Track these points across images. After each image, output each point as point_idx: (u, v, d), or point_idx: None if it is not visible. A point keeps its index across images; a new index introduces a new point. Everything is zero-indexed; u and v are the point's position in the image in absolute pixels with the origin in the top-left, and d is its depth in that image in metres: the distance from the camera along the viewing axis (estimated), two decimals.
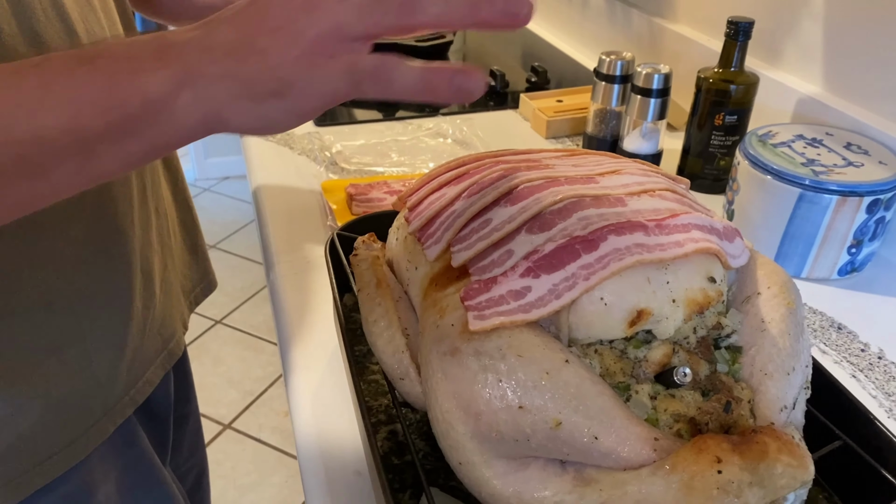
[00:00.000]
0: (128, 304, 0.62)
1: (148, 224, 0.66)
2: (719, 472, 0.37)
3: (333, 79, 0.37)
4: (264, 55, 0.37)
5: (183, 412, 0.85)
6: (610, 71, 1.01)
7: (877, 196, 0.76)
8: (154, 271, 0.67)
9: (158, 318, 0.68)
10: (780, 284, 0.48)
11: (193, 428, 0.89)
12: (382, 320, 0.52)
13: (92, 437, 0.61)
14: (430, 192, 0.55)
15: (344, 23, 0.36)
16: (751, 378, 0.45)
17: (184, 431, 0.86)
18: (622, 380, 0.43)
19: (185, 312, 0.79)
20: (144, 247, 0.65)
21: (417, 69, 0.37)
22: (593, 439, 0.40)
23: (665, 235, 0.44)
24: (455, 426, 0.43)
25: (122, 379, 0.63)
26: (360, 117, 1.18)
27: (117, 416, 0.63)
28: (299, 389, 0.64)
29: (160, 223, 0.71)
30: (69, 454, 0.59)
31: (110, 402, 0.62)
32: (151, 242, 0.67)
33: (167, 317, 0.71)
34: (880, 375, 0.67)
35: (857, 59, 0.88)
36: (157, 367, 0.68)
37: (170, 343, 0.71)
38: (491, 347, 0.42)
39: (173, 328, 0.72)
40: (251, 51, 0.37)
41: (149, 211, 0.67)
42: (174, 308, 0.73)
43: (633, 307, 0.42)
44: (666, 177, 0.52)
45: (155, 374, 0.68)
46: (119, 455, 0.65)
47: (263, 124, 0.39)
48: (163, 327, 0.70)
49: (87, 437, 0.60)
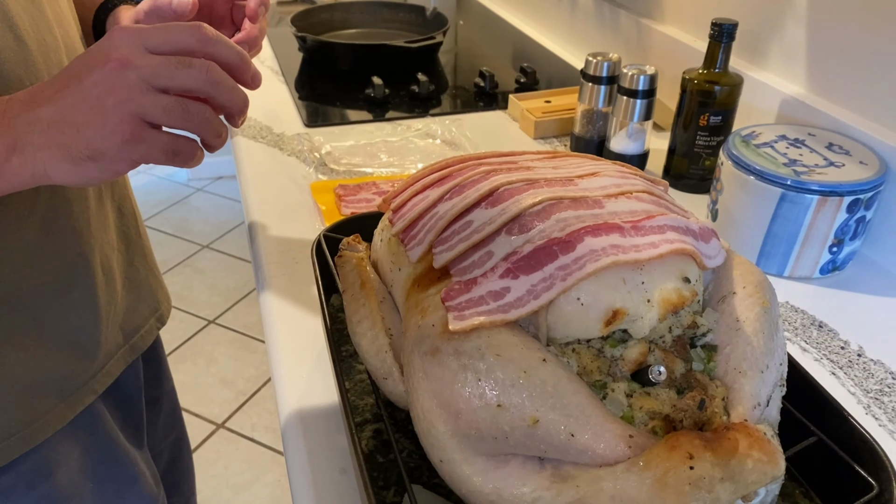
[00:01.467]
0: (86, 301, 0.65)
1: (105, 224, 0.69)
2: (691, 468, 0.38)
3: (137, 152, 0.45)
4: (80, 129, 0.44)
5: (155, 394, 0.89)
6: (596, 72, 1.02)
7: (857, 196, 0.77)
8: (114, 269, 0.70)
9: (120, 314, 0.71)
10: (755, 284, 0.49)
11: (168, 408, 0.93)
12: (366, 320, 0.53)
13: (50, 422, 0.64)
14: (414, 193, 0.56)
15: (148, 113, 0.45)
16: (725, 376, 0.45)
17: (157, 412, 0.90)
18: (599, 378, 0.44)
19: (164, 306, 0.82)
20: (104, 245, 0.68)
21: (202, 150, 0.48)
22: (570, 436, 0.41)
23: (640, 237, 0.45)
24: (436, 424, 0.44)
25: (80, 369, 0.66)
26: (350, 118, 1.18)
27: (76, 405, 0.66)
28: (287, 389, 0.65)
29: (124, 222, 0.74)
30: (26, 436, 0.62)
31: (69, 390, 0.65)
32: (111, 241, 0.70)
33: (132, 312, 0.74)
34: (859, 373, 0.69)
35: (841, 61, 0.89)
36: (117, 359, 0.71)
37: (133, 337, 0.74)
38: (470, 347, 0.43)
39: (138, 323, 0.75)
40: (69, 126, 0.44)
41: (106, 211, 0.70)
42: (142, 303, 0.77)
43: (608, 307, 0.43)
44: (644, 179, 0.53)
45: (116, 366, 0.71)
46: (81, 437, 0.68)
47: (83, 180, 0.47)
48: (126, 322, 0.73)
49: (44, 422, 0.63)
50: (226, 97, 0.47)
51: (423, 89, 1.25)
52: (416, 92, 1.25)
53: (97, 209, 0.67)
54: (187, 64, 0.45)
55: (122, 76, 0.44)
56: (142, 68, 0.44)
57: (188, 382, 2.07)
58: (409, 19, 1.54)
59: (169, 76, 0.45)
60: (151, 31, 0.46)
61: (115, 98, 0.44)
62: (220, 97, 0.47)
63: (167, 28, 0.46)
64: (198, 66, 0.45)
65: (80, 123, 0.44)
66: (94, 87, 0.44)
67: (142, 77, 0.44)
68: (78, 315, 0.65)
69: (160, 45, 0.45)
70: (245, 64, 0.48)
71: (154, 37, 0.45)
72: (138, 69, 0.44)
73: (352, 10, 1.54)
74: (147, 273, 0.79)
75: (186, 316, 2.33)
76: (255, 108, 1.20)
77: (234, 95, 0.47)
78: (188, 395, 2.03)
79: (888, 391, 0.66)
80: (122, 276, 0.72)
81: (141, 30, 0.46)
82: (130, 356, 0.74)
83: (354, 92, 1.26)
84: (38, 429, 0.63)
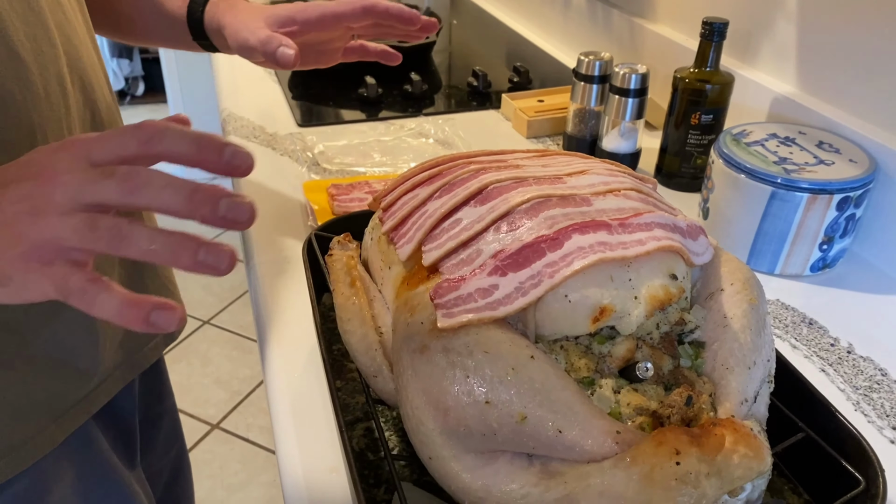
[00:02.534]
0: (80, 320, 0.63)
1: None
2: (678, 463, 0.38)
3: (45, 284, 0.39)
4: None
5: (156, 412, 0.86)
6: (588, 71, 1.02)
7: (846, 194, 0.77)
8: None
9: (120, 332, 0.68)
10: (742, 281, 0.49)
11: (169, 425, 0.89)
12: (356, 318, 0.53)
13: (40, 444, 0.61)
14: (404, 192, 0.56)
15: (62, 236, 0.39)
16: (713, 372, 0.46)
17: (157, 430, 0.86)
18: (587, 375, 0.44)
19: None
20: (101, 262, 0.65)
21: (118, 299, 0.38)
22: (557, 433, 0.41)
23: (628, 234, 0.45)
24: (425, 422, 0.44)
25: (73, 390, 0.64)
26: (343, 118, 1.18)
27: (68, 426, 0.64)
28: (278, 388, 0.65)
29: None
30: (16, 459, 0.60)
31: (60, 411, 0.63)
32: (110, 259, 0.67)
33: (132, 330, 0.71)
34: (849, 369, 0.69)
35: (831, 59, 0.90)
36: (115, 378, 0.69)
37: (135, 354, 0.71)
38: (459, 344, 0.43)
39: (143, 340, 0.72)
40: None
41: None
42: None
43: (596, 304, 0.43)
44: (632, 177, 0.53)
45: (113, 385, 0.68)
46: (74, 458, 0.66)
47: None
48: (127, 339, 0.70)
49: (34, 444, 0.61)
50: (154, 202, 0.39)
51: (417, 89, 1.25)
52: (409, 91, 1.25)
53: None
54: (108, 174, 0.39)
55: (47, 194, 0.39)
56: (67, 185, 0.39)
57: (183, 383, 2.07)
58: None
59: (91, 192, 0.39)
60: (97, 140, 0.41)
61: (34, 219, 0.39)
62: (149, 204, 0.39)
63: (111, 135, 0.41)
64: (118, 176, 0.39)
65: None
66: (18, 202, 0.39)
67: (67, 195, 0.39)
68: (71, 335, 0.63)
69: (104, 155, 0.40)
70: (206, 150, 0.40)
71: (98, 146, 0.40)
72: (64, 186, 0.39)
73: None
74: (159, 288, 0.76)
75: None
76: (248, 108, 1.21)
77: (168, 197, 0.38)
78: (183, 395, 2.03)
79: (877, 388, 0.67)
80: None
81: (89, 140, 0.41)
82: (130, 374, 0.71)
83: (347, 91, 1.26)
84: (28, 451, 0.61)
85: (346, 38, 0.82)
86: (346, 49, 0.84)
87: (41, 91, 0.56)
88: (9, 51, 0.53)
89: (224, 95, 1.25)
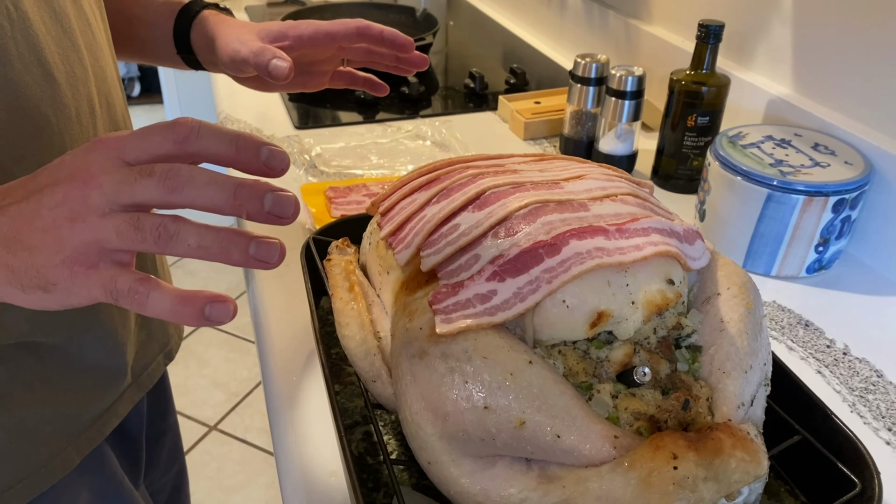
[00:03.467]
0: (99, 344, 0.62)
1: None
2: (675, 468, 0.39)
3: (92, 288, 0.39)
4: (31, 253, 0.38)
5: (160, 428, 0.85)
6: (585, 73, 1.02)
7: (842, 196, 0.77)
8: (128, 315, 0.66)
9: (132, 354, 0.68)
10: (739, 285, 0.49)
11: (171, 442, 0.89)
12: (354, 323, 0.53)
13: (57, 466, 0.61)
14: (402, 197, 0.56)
15: (104, 238, 0.38)
16: (709, 376, 0.46)
17: (161, 447, 0.86)
18: (584, 379, 0.44)
19: (174, 340, 0.78)
20: None
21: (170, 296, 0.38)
22: (556, 438, 0.41)
23: (625, 239, 0.45)
24: (424, 427, 0.44)
25: (87, 411, 0.63)
26: (340, 120, 1.18)
27: (84, 447, 0.64)
28: (277, 392, 0.65)
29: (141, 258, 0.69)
30: (34, 482, 0.59)
31: (76, 433, 0.63)
32: None
33: (142, 350, 0.70)
34: (844, 371, 0.69)
35: (826, 61, 0.90)
36: (125, 399, 0.68)
37: (141, 375, 0.71)
38: (457, 350, 0.44)
39: (147, 360, 0.72)
40: (21, 246, 0.39)
41: None
42: (153, 340, 0.73)
43: (593, 309, 0.44)
44: (629, 181, 0.54)
45: (123, 406, 0.68)
46: (89, 479, 0.66)
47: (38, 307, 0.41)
48: (136, 361, 0.69)
49: (51, 466, 0.61)
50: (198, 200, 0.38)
51: (413, 90, 1.25)
52: (406, 93, 1.25)
53: None
54: (147, 173, 0.38)
55: (84, 197, 0.38)
56: (104, 186, 0.38)
57: (180, 385, 2.07)
58: (399, 20, 1.54)
59: (130, 192, 0.38)
60: (129, 138, 0.40)
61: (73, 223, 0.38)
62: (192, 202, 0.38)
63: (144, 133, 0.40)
64: (157, 174, 0.38)
65: (32, 246, 0.38)
66: (56, 207, 0.38)
67: (105, 196, 0.38)
68: (90, 358, 0.62)
69: (138, 154, 0.39)
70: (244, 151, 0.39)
71: (131, 145, 0.39)
72: (101, 187, 0.38)
73: (342, 12, 1.54)
74: None
75: None
76: (245, 110, 1.21)
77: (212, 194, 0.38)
78: (181, 397, 2.03)
79: (873, 389, 0.67)
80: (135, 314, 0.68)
81: (121, 138, 0.40)
82: (137, 395, 0.71)
83: (344, 93, 1.26)
84: (46, 474, 0.60)
85: (336, 62, 0.80)
86: (334, 74, 0.81)
87: (73, 113, 0.55)
88: (44, 73, 0.52)
89: (221, 97, 1.25)
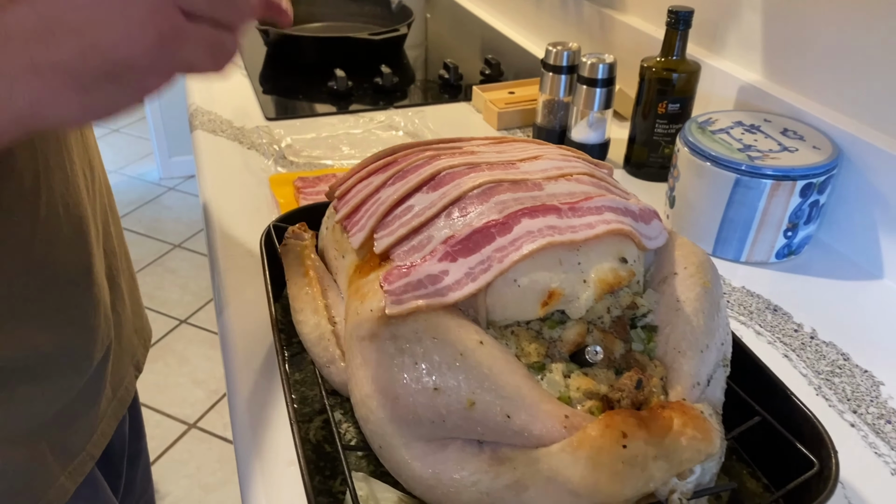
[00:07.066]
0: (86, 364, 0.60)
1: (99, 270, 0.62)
2: (624, 446, 0.38)
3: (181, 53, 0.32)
4: (84, 33, 0.30)
5: (136, 449, 0.82)
6: (557, 62, 1.02)
7: (810, 180, 0.77)
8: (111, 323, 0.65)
9: (111, 370, 0.66)
10: (696, 265, 0.49)
11: (144, 464, 0.87)
12: (308, 308, 0.52)
13: (53, 497, 0.59)
14: (359, 180, 0.55)
15: None
16: (665, 356, 0.45)
17: (135, 469, 0.83)
18: (537, 360, 0.43)
19: (140, 352, 0.76)
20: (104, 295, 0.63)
21: None
22: (506, 418, 0.40)
23: (577, 218, 0.45)
24: (374, 410, 0.44)
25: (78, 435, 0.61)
26: (313, 111, 1.17)
27: (77, 474, 0.61)
28: (238, 382, 0.64)
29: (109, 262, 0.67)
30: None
31: (68, 459, 0.61)
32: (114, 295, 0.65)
33: (117, 363, 0.68)
34: (811, 355, 0.69)
35: (796, 48, 0.90)
36: (109, 418, 0.66)
37: (119, 390, 0.69)
38: (407, 331, 0.43)
39: (122, 374, 0.70)
40: (67, 31, 0.30)
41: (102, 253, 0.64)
42: (125, 353, 0.71)
43: (544, 288, 0.43)
44: (587, 162, 0.53)
45: (108, 425, 0.66)
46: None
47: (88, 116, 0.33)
48: (113, 375, 0.67)
49: (48, 498, 0.58)
50: None
51: (387, 81, 1.24)
52: (379, 84, 1.24)
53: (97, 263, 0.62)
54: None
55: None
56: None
57: (160, 383, 2.05)
58: (375, 12, 1.53)
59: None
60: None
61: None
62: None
63: None
64: None
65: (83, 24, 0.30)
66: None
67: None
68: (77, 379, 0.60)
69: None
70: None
71: None
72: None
73: (316, 4, 1.53)
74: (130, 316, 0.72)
75: (158, 316, 2.30)
76: (217, 103, 1.19)
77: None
78: (160, 395, 2.01)
79: (839, 372, 0.67)
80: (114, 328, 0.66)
81: None
82: (120, 411, 0.68)
83: (317, 85, 1.25)
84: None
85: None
86: None
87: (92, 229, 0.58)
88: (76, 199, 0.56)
89: (193, 90, 1.23)
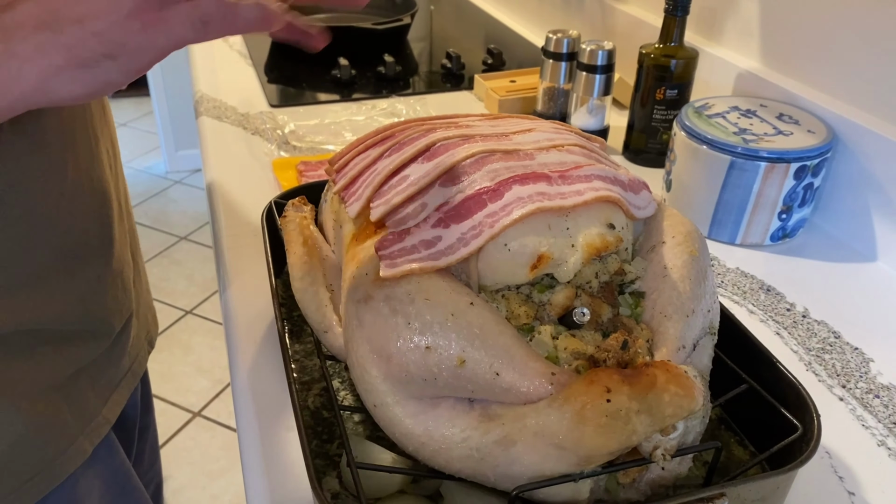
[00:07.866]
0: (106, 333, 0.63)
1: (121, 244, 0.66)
2: (608, 401, 0.39)
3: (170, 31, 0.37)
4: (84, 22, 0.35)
5: (145, 422, 0.85)
6: (557, 49, 1.03)
7: (804, 163, 0.78)
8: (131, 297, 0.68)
9: (129, 342, 0.69)
10: (684, 234, 0.50)
11: (152, 438, 0.89)
12: (307, 277, 0.54)
13: (72, 455, 0.61)
14: (357, 154, 0.57)
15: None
16: (651, 320, 0.47)
17: (144, 442, 0.86)
18: (526, 322, 0.45)
19: (153, 329, 0.79)
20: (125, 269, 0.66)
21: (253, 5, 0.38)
22: (495, 375, 0.42)
23: (567, 185, 0.46)
24: (369, 370, 0.45)
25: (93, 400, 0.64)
26: (316, 99, 1.19)
27: (94, 436, 0.63)
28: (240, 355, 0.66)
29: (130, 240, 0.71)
30: (52, 473, 0.59)
31: (86, 420, 0.63)
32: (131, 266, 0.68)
33: (135, 337, 0.71)
34: (802, 332, 0.70)
35: (793, 34, 0.91)
36: (122, 388, 0.69)
37: (133, 363, 0.71)
38: (401, 292, 0.44)
39: (138, 348, 0.72)
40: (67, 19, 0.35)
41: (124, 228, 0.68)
42: (141, 327, 0.74)
43: (533, 252, 0.44)
44: (579, 135, 0.54)
45: (122, 395, 0.68)
46: (101, 469, 0.66)
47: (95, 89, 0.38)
48: (131, 348, 0.70)
49: (67, 457, 0.60)
50: None
51: (390, 70, 1.25)
52: (382, 73, 1.26)
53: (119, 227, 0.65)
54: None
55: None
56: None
57: (165, 372, 2.07)
58: (379, 3, 1.54)
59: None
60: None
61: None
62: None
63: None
64: None
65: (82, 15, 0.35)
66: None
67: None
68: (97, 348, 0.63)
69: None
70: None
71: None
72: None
73: None
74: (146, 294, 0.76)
75: (164, 307, 2.32)
76: (223, 90, 1.21)
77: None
78: (165, 384, 2.03)
79: (829, 349, 0.68)
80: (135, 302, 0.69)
81: None
82: (133, 383, 0.71)
83: (321, 74, 1.27)
84: (61, 464, 0.59)
85: None
86: None
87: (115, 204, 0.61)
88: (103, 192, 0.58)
89: (200, 78, 1.25)
